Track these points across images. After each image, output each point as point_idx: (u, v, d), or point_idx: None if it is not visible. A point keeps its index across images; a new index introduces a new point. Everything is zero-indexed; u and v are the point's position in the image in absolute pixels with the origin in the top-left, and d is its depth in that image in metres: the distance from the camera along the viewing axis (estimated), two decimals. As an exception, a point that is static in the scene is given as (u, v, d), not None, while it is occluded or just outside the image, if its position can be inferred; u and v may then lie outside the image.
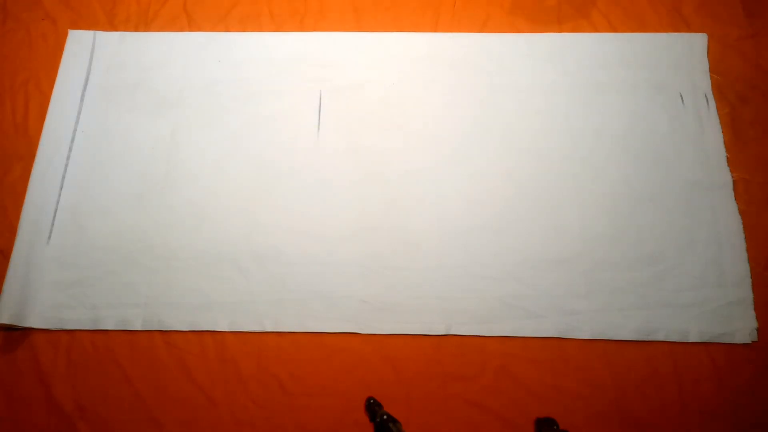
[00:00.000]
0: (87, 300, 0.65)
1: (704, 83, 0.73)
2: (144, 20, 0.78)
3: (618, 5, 0.78)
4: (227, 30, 0.77)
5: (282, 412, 0.61)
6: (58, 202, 0.69)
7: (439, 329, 0.63)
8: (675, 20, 0.77)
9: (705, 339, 0.63)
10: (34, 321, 0.64)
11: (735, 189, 0.68)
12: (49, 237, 0.67)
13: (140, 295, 0.65)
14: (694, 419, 0.60)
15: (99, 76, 0.75)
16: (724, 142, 0.70)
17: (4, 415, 0.61)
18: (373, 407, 0.60)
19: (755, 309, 0.63)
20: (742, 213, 0.67)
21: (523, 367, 0.62)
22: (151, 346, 0.63)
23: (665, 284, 0.64)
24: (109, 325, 0.64)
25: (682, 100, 0.72)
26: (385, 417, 0.58)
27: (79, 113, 0.73)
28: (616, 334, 0.63)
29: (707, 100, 0.72)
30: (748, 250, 0.65)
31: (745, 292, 0.64)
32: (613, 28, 0.76)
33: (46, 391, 0.62)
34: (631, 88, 0.73)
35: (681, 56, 0.74)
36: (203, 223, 0.68)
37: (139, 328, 0.64)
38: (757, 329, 0.63)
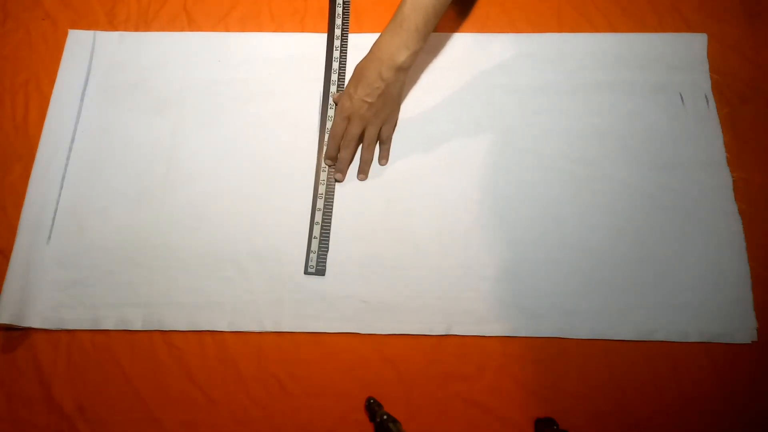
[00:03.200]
0: (87, 300, 0.65)
1: (704, 83, 0.73)
2: (144, 20, 0.78)
3: (618, 5, 0.78)
4: (227, 30, 0.77)
5: (282, 412, 0.61)
6: (58, 202, 0.68)
7: (439, 329, 0.63)
8: (675, 20, 0.77)
9: (705, 339, 0.62)
10: (34, 321, 0.63)
11: (735, 189, 0.68)
12: (49, 237, 0.67)
13: (140, 295, 0.65)
14: (694, 419, 0.60)
15: (99, 76, 0.75)
16: (724, 142, 0.70)
17: (3, 415, 0.61)
18: (373, 407, 0.60)
19: (755, 309, 0.63)
20: (742, 213, 0.67)
21: (523, 367, 0.62)
22: (151, 346, 0.63)
23: (665, 284, 0.64)
24: (109, 325, 0.64)
25: (682, 100, 0.72)
26: (385, 417, 0.58)
27: (79, 113, 0.73)
28: (616, 334, 0.63)
29: (707, 100, 0.72)
30: (748, 250, 0.65)
31: (745, 292, 0.64)
32: (613, 28, 0.76)
33: (46, 391, 0.62)
34: (631, 88, 0.73)
35: (681, 56, 0.74)
36: (203, 223, 0.68)
37: (139, 328, 0.63)
38: (757, 329, 0.63)
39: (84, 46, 0.76)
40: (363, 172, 0.69)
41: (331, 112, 0.72)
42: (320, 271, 0.65)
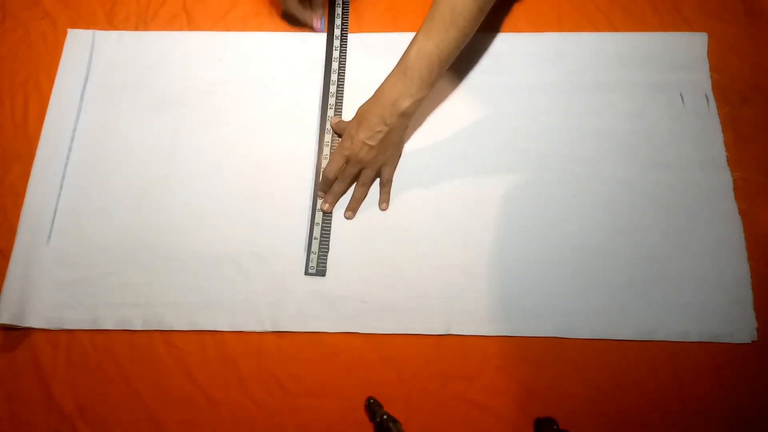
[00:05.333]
0: (87, 300, 0.65)
1: (704, 83, 0.73)
2: (143, 19, 0.78)
3: (618, 4, 0.78)
4: (227, 30, 0.77)
5: (282, 412, 0.61)
6: (57, 202, 0.68)
7: (439, 329, 0.63)
8: (675, 19, 0.77)
9: (705, 339, 0.62)
10: (34, 321, 0.63)
11: (735, 189, 0.68)
12: (49, 237, 0.67)
13: (140, 295, 0.65)
14: (694, 419, 0.60)
15: (98, 75, 0.75)
16: (724, 142, 0.70)
17: (3, 416, 0.61)
18: (373, 407, 0.60)
19: (755, 309, 0.63)
20: (742, 213, 0.67)
21: (523, 367, 0.62)
22: (151, 346, 0.63)
23: (665, 284, 0.64)
24: (109, 325, 0.64)
25: (682, 100, 0.72)
26: (385, 417, 0.58)
27: (78, 113, 0.73)
28: (616, 334, 0.63)
29: (707, 100, 0.72)
30: (748, 250, 0.65)
31: (745, 292, 0.64)
32: (613, 28, 0.76)
33: (46, 391, 0.62)
34: (631, 87, 0.73)
35: (681, 56, 0.74)
36: (203, 222, 0.68)
37: (139, 327, 0.63)
38: (757, 329, 0.63)
39: (83, 46, 0.76)
40: (351, 210, 0.68)
41: (330, 112, 0.72)
42: (320, 272, 0.65)
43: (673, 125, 0.71)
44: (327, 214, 0.67)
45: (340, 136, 0.70)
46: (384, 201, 0.68)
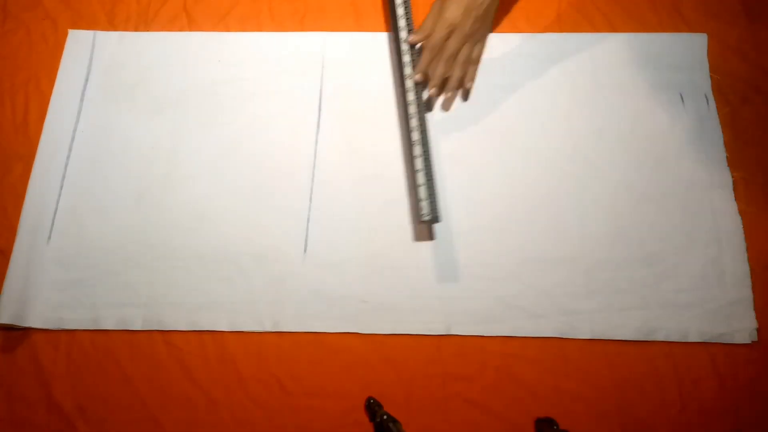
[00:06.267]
0: (87, 300, 0.65)
1: (704, 83, 0.73)
2: (144, 20, 0.78)
3: (618, 5, 0.78)
4: (227, 30, 0.77)
5: (282, 412, 0.61)
6: (58, 202, 0.68)
7: (439, 329, 0.63)
8: (675, 20, 0.77)
9: (705, 339, 0.62)
10: (34, 321, 0.64)
11: (735, 189, 0.68)
12: (49, 237, 0.67)
13: (140, 295, 0.65)
14: (694, 419, 0.60)
15: (99, 76, 0.75)
16: (724, 142, 0.70)
17: (3, 415, 0.61)
18: (373, 407, 0.60)
19: (755, 309, 0.63)
20: (742, 213, 0.67)
21: (523, 367, 0.62)
22: (151, 346, 0.63)
23: (665, 284, 0.64)
24: (109, 325, 0.64)
25: (682, 100, 0.72)
26: (385, 417, 0.58)
27: (78, 113, 0.73)
28: (616, 334, 0.63)
29: (707, 100, 0.72)
30: (748, 250, 0.65)
31: (745, 292, 0.64)
32: (613, 28, 0.76)
33: (46, 391, 0.62)
34: (631, 88, 0.73)
35: (681, 56, 0.74)
36: (203, 222, 0.68)
37: (139, 328, 0.64)
38: (757, 329, 0.63)
39: (84, 46, 0.76)
40: (453, 89, 0.70)
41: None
42: (434, 219, 0.63)
43: (673, 125, 0.71)
44: (427, 157, 0.65)
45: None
46: (471, 78, 0.71)
